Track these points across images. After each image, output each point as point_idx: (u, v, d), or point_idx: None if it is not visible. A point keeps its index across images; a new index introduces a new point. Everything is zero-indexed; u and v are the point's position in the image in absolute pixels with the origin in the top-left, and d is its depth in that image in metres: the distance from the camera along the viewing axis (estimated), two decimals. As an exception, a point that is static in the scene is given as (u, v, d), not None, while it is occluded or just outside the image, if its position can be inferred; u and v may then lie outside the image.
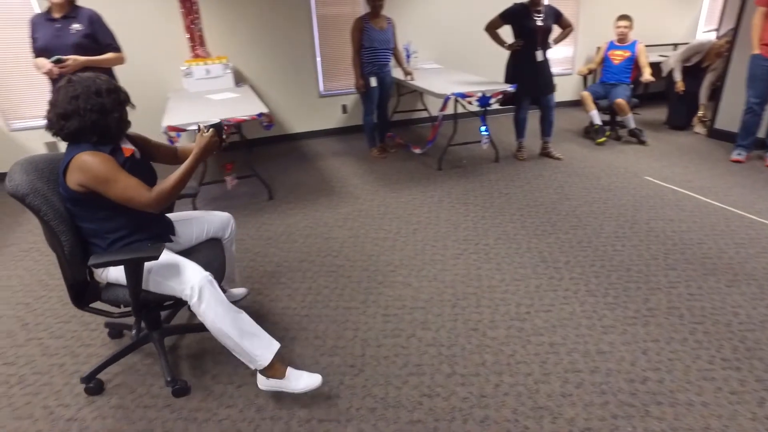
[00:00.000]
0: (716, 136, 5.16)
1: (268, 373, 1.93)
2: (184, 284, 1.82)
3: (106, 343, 2.37)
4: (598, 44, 6.09)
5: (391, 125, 5.37)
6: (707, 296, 2.54)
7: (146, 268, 1.84)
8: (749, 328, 2.30)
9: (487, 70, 5.91)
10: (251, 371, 2.13)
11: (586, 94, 5.11)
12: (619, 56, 5.03)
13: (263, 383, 1.96)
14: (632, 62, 5.00)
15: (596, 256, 2.96)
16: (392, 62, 4.73)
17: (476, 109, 4.44)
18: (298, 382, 1.93)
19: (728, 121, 4.98)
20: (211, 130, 1.94)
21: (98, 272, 1.96)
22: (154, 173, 2.03)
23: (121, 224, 1.89)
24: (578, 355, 2.16)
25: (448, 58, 5.94)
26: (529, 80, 4.42)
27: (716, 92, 5.14)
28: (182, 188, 1.88)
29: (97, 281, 2.02)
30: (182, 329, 2.43)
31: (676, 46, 6.74)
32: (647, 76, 4.84)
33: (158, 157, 2.15)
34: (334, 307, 2.58)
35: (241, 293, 2.67)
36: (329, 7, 5.36)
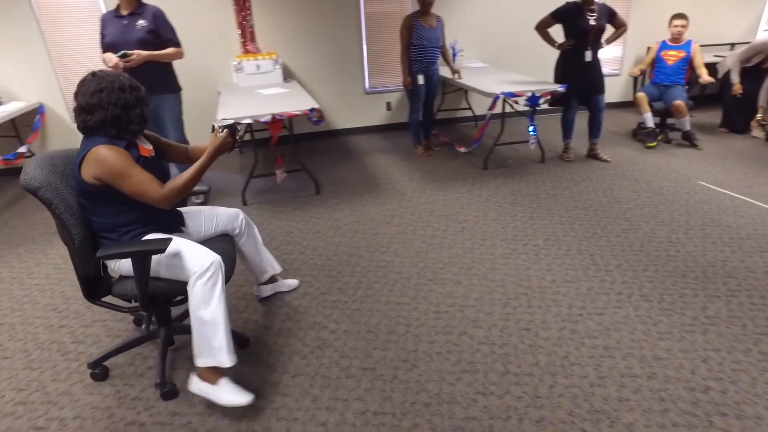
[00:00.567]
0: (775, 141, 4.98)
1: (204, 376, 1.93)
2: (195, 262, 1.83)
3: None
4: (647, 44, 5.96)
5: (435, 123, 5.37)
6: (769, 306, 2.47)
7: (162, 254, 1.84)
8: (815, 340, 2.22)
9: (533, 69, 5.85)
10: (305, 362, 2.19)
11: (642, 95, 4.96)
12: (673, 56, 4.90)
13: (196, 385, 1.95)
14: (687, 63, 4.86)
15: (649, 260, 2.91)
16: (439, 60, 4.73)
17: (523, 108, 4.41)
18: (227, 395, 1.91)
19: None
20: (225, 130, 1.97)
21: (111, 265, 1.97)
22: (166, 171, 2.06)
23: (132, 218, 1.92)
24: (634, 360, 2.13)
25: (493, 56, 5.90)
26: (579, 80, 4.36)
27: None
28: (194, 186, 1.91)
29: (110, 275, 2.03)
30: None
31: (733, 45, 6.51)
32: (706, 77, 4.69)
33: (170, 155, 2.18)
34: (385, 302, 2.61)
35: (293, 284, 2.73)
36: (377, 4, 5.39)
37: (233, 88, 4.79)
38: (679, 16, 4.84)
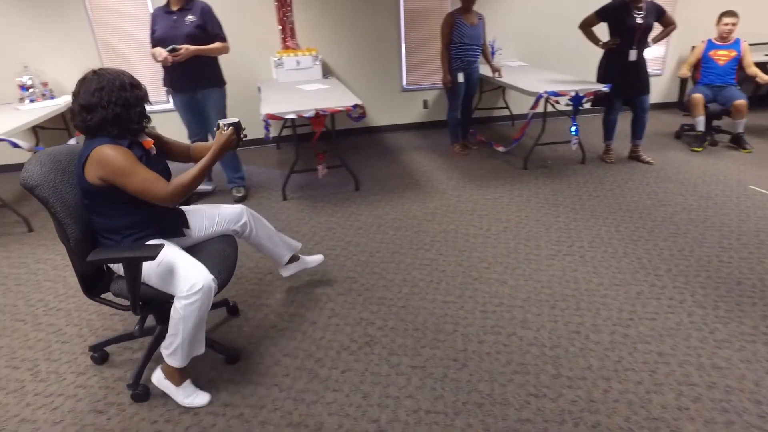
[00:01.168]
0: (828, 145, 4.79)
1: (168, 374, 1.95)
2: (188, 281, 1.78)
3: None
4: (691, 43, 5.80)
5: (472, 122, 5.32)
6: (832, 317, 2.38)
7: (155, 262, 1.82)
8: None
9: (572, 68, 5.74)
10: (353, 358, 2.19)
11: (699, 97, 4.73)
12: (724, 56, 4.75)
13: (158, 379, 1.99)
14: (737, 63, 4.71)
15: (700, 266, 2.83)
16: (480, 59, 4.69)
17: (564, 108, 4.34)
18: (186, 397, 1.96)
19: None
20: (230, 128, 1.96)
21: (110, 263, 1.95)
22: (168, 169, 2.05)
23: (135, 220, 1.90)
24: (691, 367, 2.07)
25: (532, 55, 5.82)
26: (623, 80, 4.26)
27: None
28: (199, 183, 1.89)
29: (113, 272, 2.01)
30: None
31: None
32: (763, 75, 4.53)
33: (171, 154, 2.15)
34: (431, 300, 2.60)
35: (317, 260, 2.69)
36: (417, 1, 5.37)
37: (273, 83, 4.83)
38: (729, 13, 4.69)
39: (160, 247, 1.77)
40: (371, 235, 3.31)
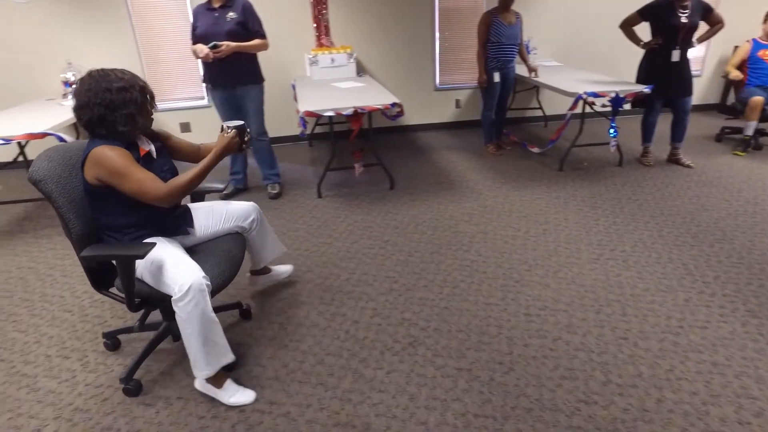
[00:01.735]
0: None
1: (208, 378, 1.94)
2: (176, 281, 1.77)
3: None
4: (734, 43, 5.66)
5: (506, 122, 5.26)
6: None
7: (147, 260, 1.83)
8: None
9: (608, 68, 5.64)
10: (398, 358, 2.17)
11: (760, 100, 4.47)
12: (772, 56, 4.60)
13: (200, 385, 1.98)
14: (786, 63, 4.55)
15: (752, 274, 2.74)
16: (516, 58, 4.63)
17: (601, 109, 4.25)
18: (232, 396, 1.94)
19: None
20: (232, 131, 1.94)
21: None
22: (174, 169, 2.04)
23: (135, 220, 1.91)
24: (749, 380, 2.00)
25: (566, 55, 5.73)
26: (665, 81, 4.15)
27: None
28: (197, 185, 1.88)
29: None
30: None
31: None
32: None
33: (180, 154, 2.14)
34: (473, 301, 2.56)
35: (286, 270, 2.70)
36: (452, 0, 5.33)
37: (307, 80, 4.84)
38: (777, 12, 4.54)
39: (151, 245, 1.78)
40: (409, 234, 3.29)
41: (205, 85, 3.72)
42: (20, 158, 3.77)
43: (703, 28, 4.13)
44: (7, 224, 3.72)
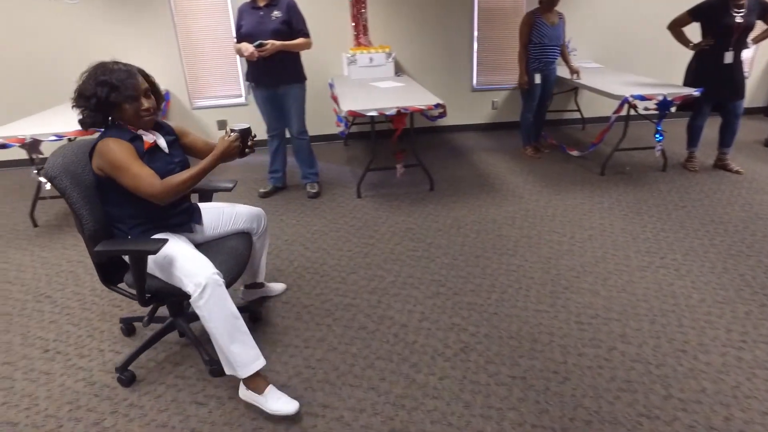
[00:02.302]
0: None
1: (249, 384, 1.90)
2: (189, 277, 1.78)
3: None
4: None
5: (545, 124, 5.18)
6: None
7: (159, 256, 1.83)
8: None
9: (651, 70, 5.51)
10: (449, 364, 2.14)
11: None
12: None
13: (243, 393, 1.94)
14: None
15: (814, 286, 2.63)
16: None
17: (644, 112, 4.14)
18: (274, 402, 1.87)
19: None
20: (234, 134, 1.87)
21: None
22: (185, 165, 2.02)
23: (140, 212, 1.91)
24: (821, 398, 1.92)
25: (607, 56, 5.60)
26: (716, 84, 4.02)
27: None
28: (193, 185, 1.86)
29: (127, 262, 1.98)
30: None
31: None
32: None
33: (195, 152, 2.13)
34: (522, 307, 2.51)
35: (279, 289, 2.68)
36: (492, 0, 5.26)
37: (345, 80, 4.83)
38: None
39: (164, 241, 1.80)
40: (452, 237, 3.25)
41: (247, 83, 3.72)
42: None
43: (759, 27, 3.99)
44: (54, 218, 3.79)
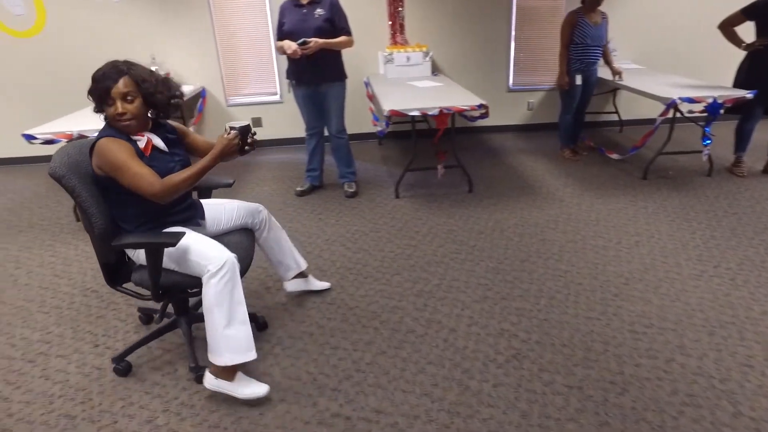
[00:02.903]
0: None
1: (220, 374, 1.89)
2: (209, 260, 1.80)
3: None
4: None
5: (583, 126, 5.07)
6: None
7: (177, 247, 1.83)
8: None
9: (693, 72, 5.36)
10: (502, 371, 2.08)
11: None
12: None
13: (210, 382, 1.91)
14: None
15: None
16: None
17: (689, 115, 4.02)
18: (244, 388, 1.89)
19: None
20: (233, 132, 1.84)
21: (131, 253, 1.97)
22: (186, 163, 1.99)
23: (144, 210, 1.90)
24: None
25: (647, 57, 5.46)
26: (770, 86, 3.89)
27: None
28: (193, 184, 1.84)
29: (133, 261, 2.01)
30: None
31: None
32: None
33: (197, 151, 2.11)
34: (573, 314, 2.45)
35: (324, 286, 2.67)
36: (531, -1, 5.18)
37: (381, 78, 4.79)
38: None
39: (181, 234, 1.80)
40: (494, 240, 3.18)
41: (288, 81, 3.71)
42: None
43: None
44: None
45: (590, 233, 3.26)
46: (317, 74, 3.55)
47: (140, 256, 1.93)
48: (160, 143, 1.94)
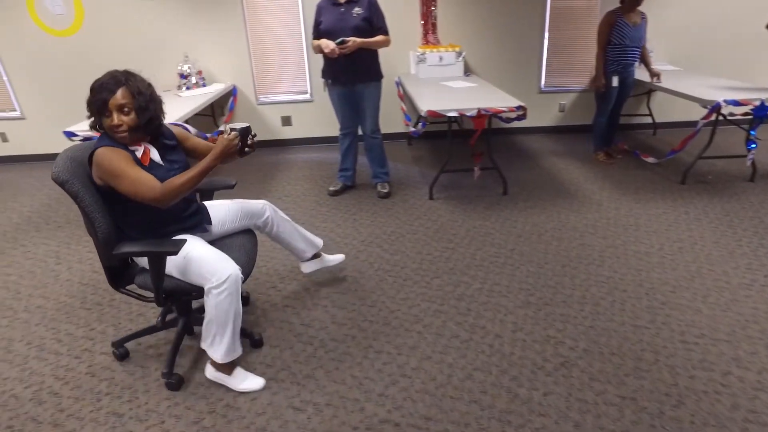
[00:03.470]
0: None
1: (219, 368, 2.00)
2: (212, 273, 1.81)
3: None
4: None
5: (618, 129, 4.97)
6: None
7: (180, 255, 1.83)
8: None
9: (734, 73, 5.22)
10: (552, 379, 2.03)
11: None
12: None
13: (211, 373, 2.04)
14: None
15: None
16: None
17: (731, 118, 3.90)
18: (240, 382, 2.00)
19: None
20: (233, 133, 1.81)
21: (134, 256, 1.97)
22: (186, 168, 1.97)
23: (151, 218, 1.89)
24: None
25: (684, 58, 5.33)
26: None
27: None
28: (194, 186, 1.81)
29: (137, 264, 2.02)
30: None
31: None
32: None
33: (197, 155, 2.08)
34: (619, 322, 2.38)
35: (338, 259, 2.74)
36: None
37: (412, 78, 4.75)
38: None
39: (183, 242, 1.80)
40: (533, 244, 3.13)
41: (323, 80, 3.69)
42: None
43: None
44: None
45: (631, 238, 3.19)
46: (354, 74, 3.52)
47: (143, 259, 1.93)
48: (156, 157, 1.92)
